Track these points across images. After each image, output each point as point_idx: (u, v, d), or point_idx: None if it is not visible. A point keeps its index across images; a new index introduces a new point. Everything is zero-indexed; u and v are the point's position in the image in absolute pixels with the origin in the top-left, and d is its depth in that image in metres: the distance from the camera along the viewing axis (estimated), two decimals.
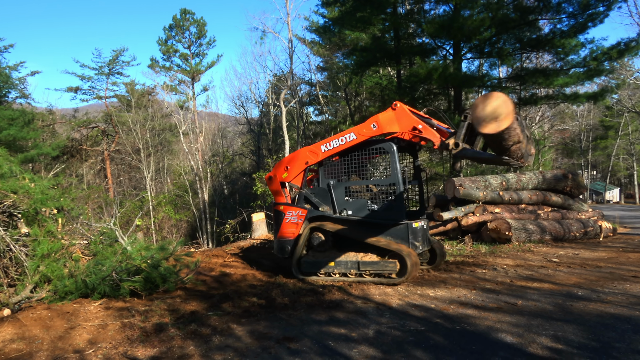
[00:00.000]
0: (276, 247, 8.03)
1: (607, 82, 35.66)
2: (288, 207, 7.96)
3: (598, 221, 13.97)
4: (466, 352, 4.31)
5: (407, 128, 7.52)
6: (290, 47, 24.95)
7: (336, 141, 7.63)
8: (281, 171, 8.06)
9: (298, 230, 7.83)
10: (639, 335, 4.75)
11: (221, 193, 39.84)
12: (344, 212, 7.59)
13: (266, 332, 4.90)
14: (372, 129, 7.50)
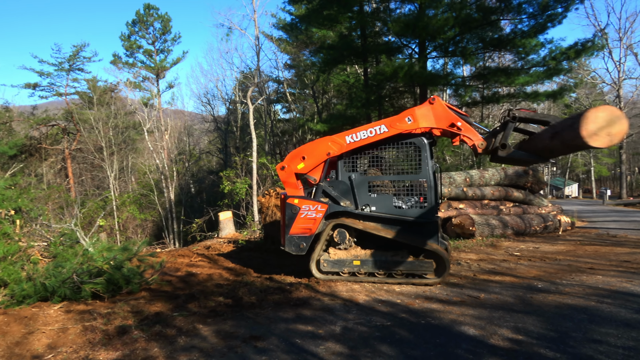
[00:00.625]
0: (288, 243, 7.32)
1: (566, 81, 37.00)
2: (304, 201, 7.30)
3: (557, 216, 14.47)
4: (430, 345, 4.40)
5: (444, 124, 7.25)
6: (257, 44, 24.82)
7: (364, 132, 7.19)
8: (296, 161, 7.39)
9: (316, 226, 7.27)
10: (594, 324, 4.95)
11: (188, 192, 39.26)
12: (367, 207, 7.21)
13: (233, 331, 4.86)
14: (407, 122, 7.18)
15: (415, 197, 7.18)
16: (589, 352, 4.17)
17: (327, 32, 23.21)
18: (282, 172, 7.42)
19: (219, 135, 43.56)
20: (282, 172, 7.43)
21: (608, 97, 46.84)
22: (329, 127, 21.82)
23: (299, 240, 7.31)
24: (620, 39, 42.87)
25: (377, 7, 21.94)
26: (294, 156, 7.43)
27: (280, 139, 40.73)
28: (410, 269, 6.98)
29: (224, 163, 39.47)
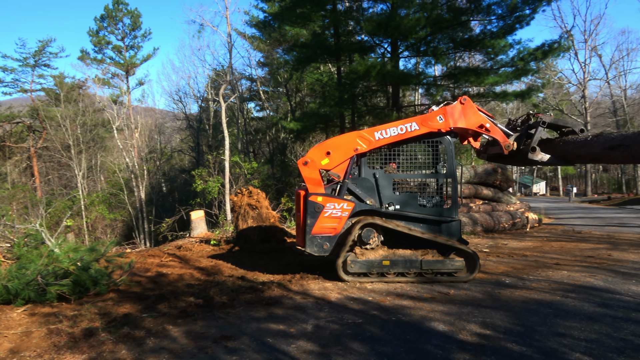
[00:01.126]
0: (310, 244, 6.98)
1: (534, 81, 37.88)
2: (328, 199, 6.96)
3: (525, 213, 14.83)
4: (401, 341, 4.44)
5: (474, 125, 7.36)
6: (229, 41, 24.57)
7: (394, 129, 7.07)
8: (321, 157, 7.06)
9: (341, 226, 7.00)
10: (559, 318, 5.09)
11: (159, 191, 38.66)
12: (391, 206, 7.09)
13: (203, 331, 4.81)
14: (439, 121, 7.18)
15: (439, 196, 7.23)
16: (554, 346, 4.29)
17: (300, 30, 23.16)
18: (305, 167, 7.03)
19: (191, 133, 43.02)
20: (305, 167, 7.03)
21: (574, 97, 48.23)
22: (302, 125, 21.80)
23: (322, 240, 7.00)
24: (586, 40, 44.22)
25: (350, 6, 22.02)
26: (318, 151, 7.10)
27: (254, 137, 40.49)
28: (441, 267, 6.93)
29: (196, 161, 38.99)
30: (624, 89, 47.99)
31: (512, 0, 17.70)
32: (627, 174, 54.04)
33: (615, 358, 4.01)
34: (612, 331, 4.66)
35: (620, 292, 6.21)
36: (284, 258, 9.24)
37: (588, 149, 6.96)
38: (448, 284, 6.81)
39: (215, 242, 11.08)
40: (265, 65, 36.94)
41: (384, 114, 21.16)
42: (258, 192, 10.90)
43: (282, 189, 25.69)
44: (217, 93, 30.59)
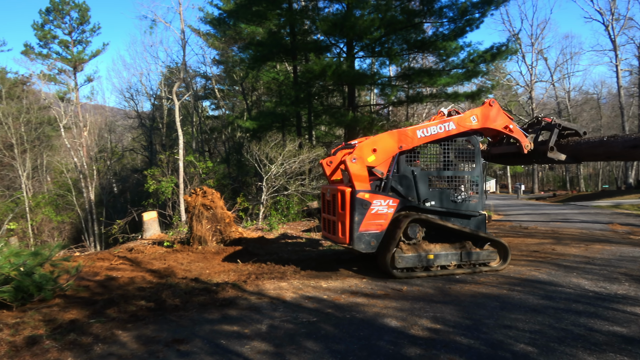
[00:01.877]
0: (358, 241, 6.97)
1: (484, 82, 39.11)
2: (375, 196, 7.01)
3: None
4: (354, 339, 4.50)
5: (501, 125, 7.93)
6: (182, 38, 24.06)
7: (434, 128, 7.38)
8: (368, 154, 7.09)
9: (387, 222, 7.07)
10: (505, 311, 5.30)
11: (110, 191, 37.40)
12: (428, 202, 7.33)
13: (154, 335, 4.70)
14: (472, 122, 7.64)
15: (468, 192, 7.63)
16: (500, 338, 4.46)
17: (256, 29, 22.99)
18: (354, 164, 7.02)
19: (144, 132, 41.86)
20: (353, 164, 7.02)
21: (522, 98, 50.23)
22: (258, 124, 21.65)
23: (370, 237, 7.04)
24: (532, 44, 46.17)
25: (306, 5, 22.08)
26: (366, 148, 7.12)
27: (209, 136, 39.87)
28: (478, 259, 7.41)
29: (149, 161, 37.98)
30: (567, 91, 50.47)
31: (463, 4, 18.26)
32: (571, 172, 56.81)
33: (556, 347, 4.21)
34: (554, 322, 4.89)
35: (563, 285, 6.52)
36: (240, 258, 9.15)
37: (606, 147, 8.06)
38: (402, 280, 6.94)
39: (168, 243, 10.84)
40: (221, 63, 36.45)
41: (340, 113, 21.33)
42: (213, 192, 10.75)
43: (238, 188, 25.42)
44: (170, 91, 29.91)
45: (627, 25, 43.78)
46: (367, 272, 7.59)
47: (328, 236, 7.85)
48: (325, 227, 7.99)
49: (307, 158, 17.54)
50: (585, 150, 8.29)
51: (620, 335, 4.49)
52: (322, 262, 8.57)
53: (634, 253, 9.11)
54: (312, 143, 21.94)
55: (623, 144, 7.91)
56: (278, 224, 13.82)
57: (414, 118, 35.17)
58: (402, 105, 27.58)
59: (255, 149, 17.04)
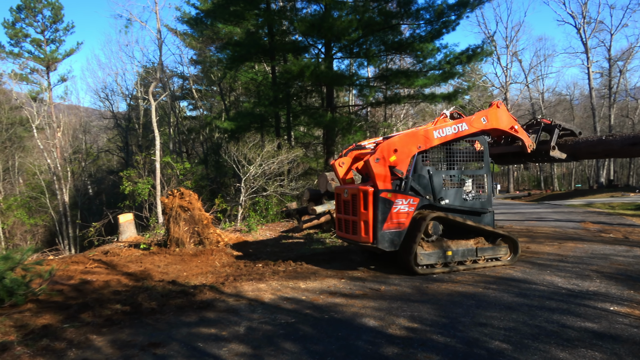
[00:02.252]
0: (382, 239, 7.12)
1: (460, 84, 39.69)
2: (397, 195, 7.19)
3: None
4: (332, 339, 4.51)
5: (507, 126, 8.37)
6: (159, 37, 23.69)
7: (449, 129, 7.62)
8: (389, 154, 7.23)
9: (408, 220, 7.27)
10: (481, 309, 5.38)
11: (85, 193, 36.67)
12: (442, 200, 7.54)
13: (130, 339, 4.63)
14: (482, 122, 7.99)
15: (477, 190, 7.97)
16: (476, 335, 4.53)
17: (233, 29, 22.83)
18: (377, 164, 7.16)
19: (120, 132, 41.19)
20: (377, 164, 7.16)
21: (497, 99, 51.06)
22: (236, 125, 21.51)
23: (392, 235, 7.21)
24: (507, 46, 46.98)
25: (284, 5, 22.03)
26: (388, 148, 7.26)
27: (187, 137, 39.45)
28: (492, 254, 7.79)
29: (125, 162, 37.38)
30: (541, 92, 51.52)
31: (439, 6, 18.49)
32: (545, 172, 58.00)
33: (530, 344, 4.29)
34: (528, 319, 4.99)
35: (536, 282, 6.65)
36: (218, 260, 9.08)
37: (605, 146, 8.73)
38: (381, 280, 6.99)
39: (145, 246, 10.69)
40: (198, 63, 36.10)
41: (319, 114, 21.36)
42: (190, 194, 10.64)
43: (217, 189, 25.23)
44: (146, 91, 29.49)
45: (598, 29, 44.97)
46: (346, 272, 7.62)
47: (345, 236, 7.90)
48: (341, 227, 8.04)
49: (286, 159, 17.50)
50: (584, 149, 8.89)
51: (591, 331, 4.60)
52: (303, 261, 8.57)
53: (605, 251, 9.35)
54: (291, 144, 21.90)
55: (622, 142, 8.47)
56: (257, 225, 13.75)
57: (392, 119, 35.43)
58: (380, 106, 27.76)
59: (234, 150, 16.92)
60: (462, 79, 39.67)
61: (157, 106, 24.95)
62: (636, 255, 8.85)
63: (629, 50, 47.04)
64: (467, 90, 36.78)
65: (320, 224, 12.92)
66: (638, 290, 6.18)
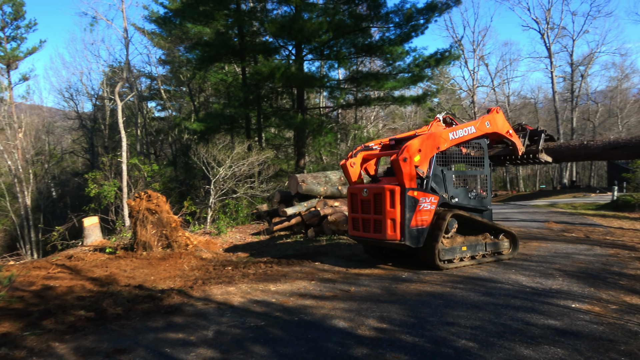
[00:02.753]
0: (409, 236, 7.39)
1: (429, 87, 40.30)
2: (421, 193, 7.52)
3: None
4: (302, 341, 4.50)
5: (504, 130, 9.04)
6: (125, 36, 23.23)
7: (461, 131, 8.16)
8: (414, 154, 7.50)
9: (430, 218, 7.61)
10: (449, 308, 5.47)
11: (48, 196, 35.54)
12: (453, 199, 8.01)
13: (94, 346, 4.50)
14: (487, 126, 8.63)
15: (478, 189, 8.53)
16: (443, 334, 4.60)
17: (203, 29, 22.56)
18: (405, 163, 7.37)
19: (85, 133, 40.12)
20: (405, 163, 7.37)
21: (465, 102, 52.08)
22: (206, 126, 21.26)
23: (418, 232, 7.50)
24: (474, 50, 47.98)
25: (254, 6, 21.91)
26: (413, 148, 7.50)
27: (155, 138, 38.75)
28: (497, 248, 8.40)
29: (90, 164, 36.43)
30: (507, 96, 52.82)
31: (408, 10, 18.73)
32: (511, 173, 59.46)
33: (496, 342, 4.38)
34: (493, 317, 5.10)
35: (502, 281, 6.81)
36: (186, 263, 8.95)
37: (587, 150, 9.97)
38: (351, 281, 7.02)
39: (111, 250, 10.44)
40: (167, 63, 35.52)
41: (290, 115, 21.33)
42: (158, 196, 10.45)
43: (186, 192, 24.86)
44: (113, 91, 28.83)
45: (561, 34, 46.48)
46: (316, 274, 7.63)
47: (363, 235, 8.01)
48: (357, 227, 8.12)
49: (256, 160, 17.40)
50: (567, 152, 10.06)
51: (554, 328, 4.73)
52: (273, 264, 8.53)
53: (567, 250, 9.66)
54: (262, 145, 21.79)
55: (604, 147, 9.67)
56: (227, 227, 13.61)
57: (363, 121, 35.69)
58: (351, 108, 27.92)
59: (203, 152, 16.71)
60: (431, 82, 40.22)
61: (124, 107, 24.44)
62: (597, 253, 9.17)
63: (590, 55, 48.84)
64: (436, 93, 37.36)
65: (291, 226, 12.90)
66: (598, 287, 6.40)
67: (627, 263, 8.20)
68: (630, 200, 19.88)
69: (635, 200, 19.43)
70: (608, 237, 11.58)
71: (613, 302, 5.69)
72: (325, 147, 26.11)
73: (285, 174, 23.96)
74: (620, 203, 20.78)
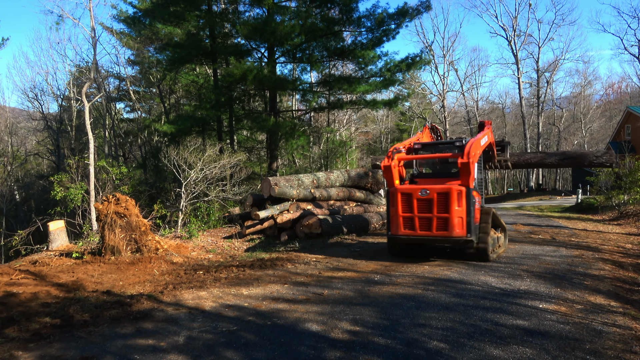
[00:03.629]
0: (474, 232, 8.24)
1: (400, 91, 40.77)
2: (476, 193, 8.48)
3: None
4: (275, 345, 4.47)
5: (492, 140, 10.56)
6: (93, 36, 22.64)
7: (483, 139, 9.45)
8: (476, 157, 8.71)
9: (479, 215, 8.61)
10: (420, 310, 5.53)
11: (11, 199, 34.31)
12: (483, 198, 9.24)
13: (60, 354, 4.36)
14: (491, 137, 10.18)
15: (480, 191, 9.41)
16: (415, 336, 4.65)
17: (173, 29, 22.20)
18: (472, 166, 8.35)
19: (50, 135, 38.91)
20: (472, 166, 8.37)
21: (435, 106, 52.94)
22: (177, 128, 20.94)
23: (475, 228, 8.31)
24: (444, 55, 48.85)
25: (226, 8, 21.74)
26: (473, 152, 8.46)
27: (124, 140, 37.93)
28: (499, 242, 9.56)
29: (56, 166, 35.36)
30: (476, 100, 53.98)
31: (380, 15, 18.92)
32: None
33: (466, 342, 4.46)
34: (464, 318, 5.18)
35: (472, 283, 6.93)
36: (157, 268, 8.78)
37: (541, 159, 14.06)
38: (324, 284, 7.02)
39: (77, 254, 10.14)
40: (136, 63, 34.80)
41: (262, 118, 21.19)
42: (127, 199, 10.22)
43: (156, 195, 24.38)
44: (80, 91, 28.10)
45: (527, 42, 47.86)
46: (289, 278, 7.60)
47: (424, 234, 8.31)
48: (413, 226, 8.39)
49: (228, 163, 17.21)
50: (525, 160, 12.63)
51: (522, 328, 4.84)
52: (245, 267, 8.45)
53: (534, 251, 9.91)
54: (234, 148, 21.58)
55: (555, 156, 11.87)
56: (198, 231, 13.41)
57: (335, 124, 35.82)
58: (324, 111, 27.95)
59: (174, 154, 16.44)
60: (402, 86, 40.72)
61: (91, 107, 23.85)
62: (562, 254, 9.44)
63: (555, 62, 50.41)
64: (407, 97, 37.82)
65: (263, 229, 12.82)
66: (564, 288, 6.59)
67: (591, 264, 8.46)
68: (594, 203, 20.57)
69: (598, 203, 20.11)
70: (573, 239, 11.94)
71: (578, 302, 5.86)
72: (298, 150, 26.07)
73: (258, 177, 23.81)
74: (584, 206, 21.48)
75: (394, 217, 8.59)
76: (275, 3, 18.87)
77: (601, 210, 19.55)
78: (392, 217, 8.61)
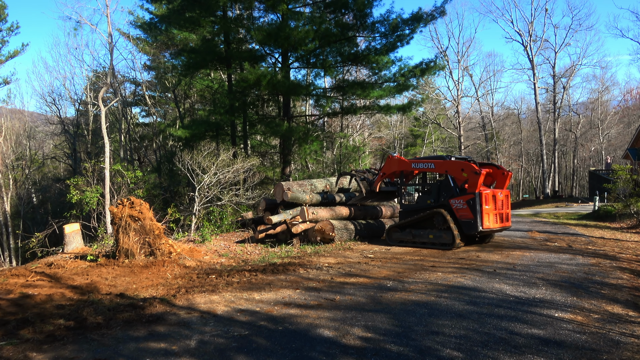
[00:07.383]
0: None
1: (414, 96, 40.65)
2: None
3: None
4: (287, 350, 4.45)
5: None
6: (110, 41, 23.02)
7: None
8: None
9: None
10: (433, 317, 5.46)
11: (29, 202, 34.87)
12: None
13: (73, 356, 4.39)
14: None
15: None
16: (428, 343, 4.59)
17: (189, 35, 22.47)
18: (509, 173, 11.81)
19: (67, 139, 39.51)
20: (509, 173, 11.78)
21: (449, 112, 52.61)
22: (191, 133, 21.12)
23: None
24: (459, 61, 48.57)
25: (241, 13, 21.93)
26: None
27: (139, 144, 38.37)
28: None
29: (72, 170, 35.87)
30: (491, 106, 53.51)
31: (394, 20, 18.90)
32: None
33: (480, 351, 4.39)
34: (478, 327, 5.10)
35: (486, 290, 6.84)
36: (170, 271, 8.82)
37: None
38: (336, 290, 6.98)
39: (92, 257, 10.24)
40: (152, 69, 35.25)
41: (275, 123, 21.29)
42: (141, 203, 10.30)
43: (170, 199, 24.58)
44: (96, 96, 28.51)
45: (543, 47, 47.34)
46: (301, 283, 7.57)
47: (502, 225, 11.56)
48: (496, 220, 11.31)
49: (241, 168, 17.30)
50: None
51: (537, 337, 4.76)
52: (258, 272, 8.45)
53: (550, 259, 9.75)
54: (247, 152, 21.70)
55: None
56: (211, 235, 13.47)
57: (348, 129, 35.80)
58: (337, 116, 28.00)
59: (188, 158, 16.57)
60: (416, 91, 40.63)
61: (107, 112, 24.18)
62: (579, 263, 9.28)
63: (572, 67, 49.79)
64: (421, 103, 37.69)
65: (276, 234, 12.82)
66: (581, 297, 6.46)
67: (608, 272, 8.30)
68: (612, 211, 20.21)
69: (616, 211, 19.75)
70: (590, 247, 11.74)
71: (595, 311, 5.75)
72: (311, 155, 26.12)
73: (271, 181, 23.88)
74: (601, 213, 21.11)
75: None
76: (290, 9, 18.97)
77: (619, 217, 19.21)
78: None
